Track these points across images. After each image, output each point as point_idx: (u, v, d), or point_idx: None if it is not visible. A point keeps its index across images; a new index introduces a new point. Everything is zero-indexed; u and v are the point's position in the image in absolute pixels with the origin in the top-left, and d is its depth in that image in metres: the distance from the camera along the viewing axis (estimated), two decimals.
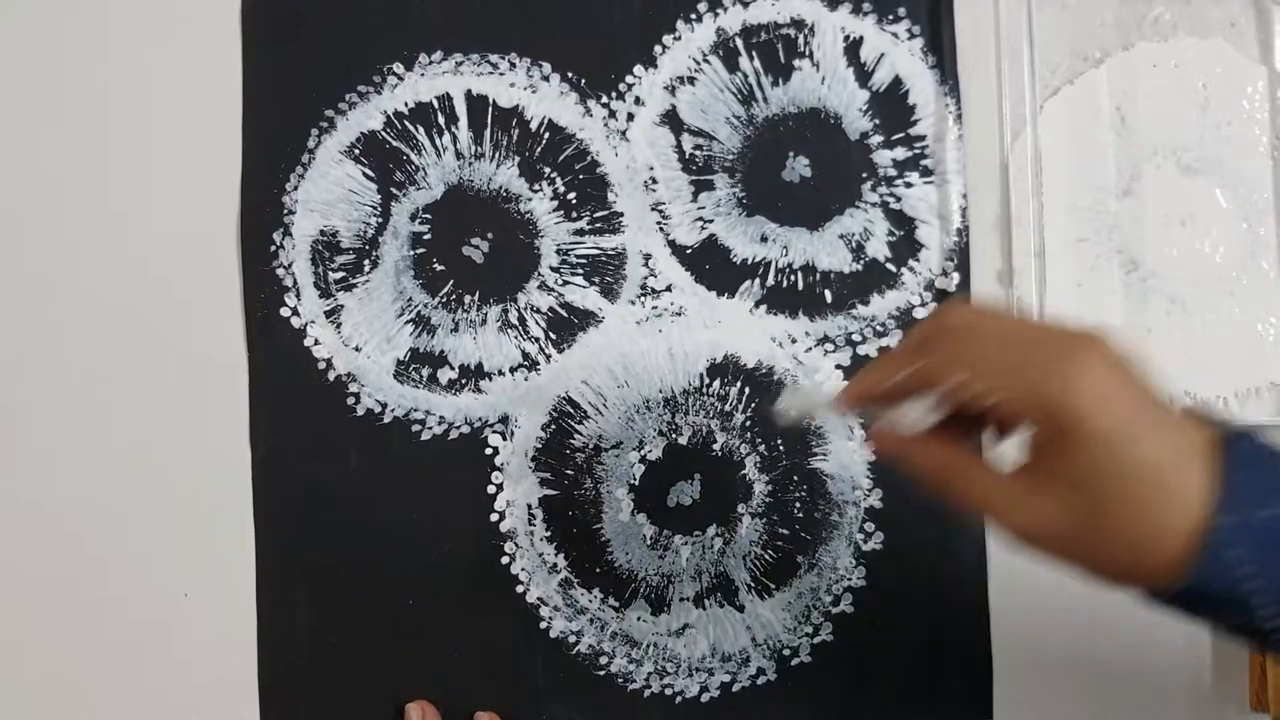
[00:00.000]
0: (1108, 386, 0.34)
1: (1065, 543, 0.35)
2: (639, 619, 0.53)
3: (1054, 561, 0.36)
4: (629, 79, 0.55)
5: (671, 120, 0.55)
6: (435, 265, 0.54)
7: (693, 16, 0.55)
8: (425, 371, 0.54)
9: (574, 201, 0.54)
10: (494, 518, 0.53)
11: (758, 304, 0.54)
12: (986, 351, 0.35)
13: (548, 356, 0.54)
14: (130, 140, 0.54)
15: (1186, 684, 0.54)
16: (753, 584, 0.53)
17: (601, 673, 0.53)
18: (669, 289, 0.54)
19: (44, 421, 0.53)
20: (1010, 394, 0.35)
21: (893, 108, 0.55)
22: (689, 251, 0.54)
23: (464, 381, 0.54)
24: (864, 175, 0.55)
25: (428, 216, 0.54)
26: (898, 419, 0.37)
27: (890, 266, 0.54)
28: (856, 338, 0.54)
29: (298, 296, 0.54)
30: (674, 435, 0.54)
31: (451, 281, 0.54)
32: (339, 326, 0.54)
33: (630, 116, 0.54)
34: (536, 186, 0.54)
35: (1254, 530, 0.33)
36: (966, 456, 0.37)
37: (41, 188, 0.54)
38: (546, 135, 0.54)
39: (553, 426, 0.54)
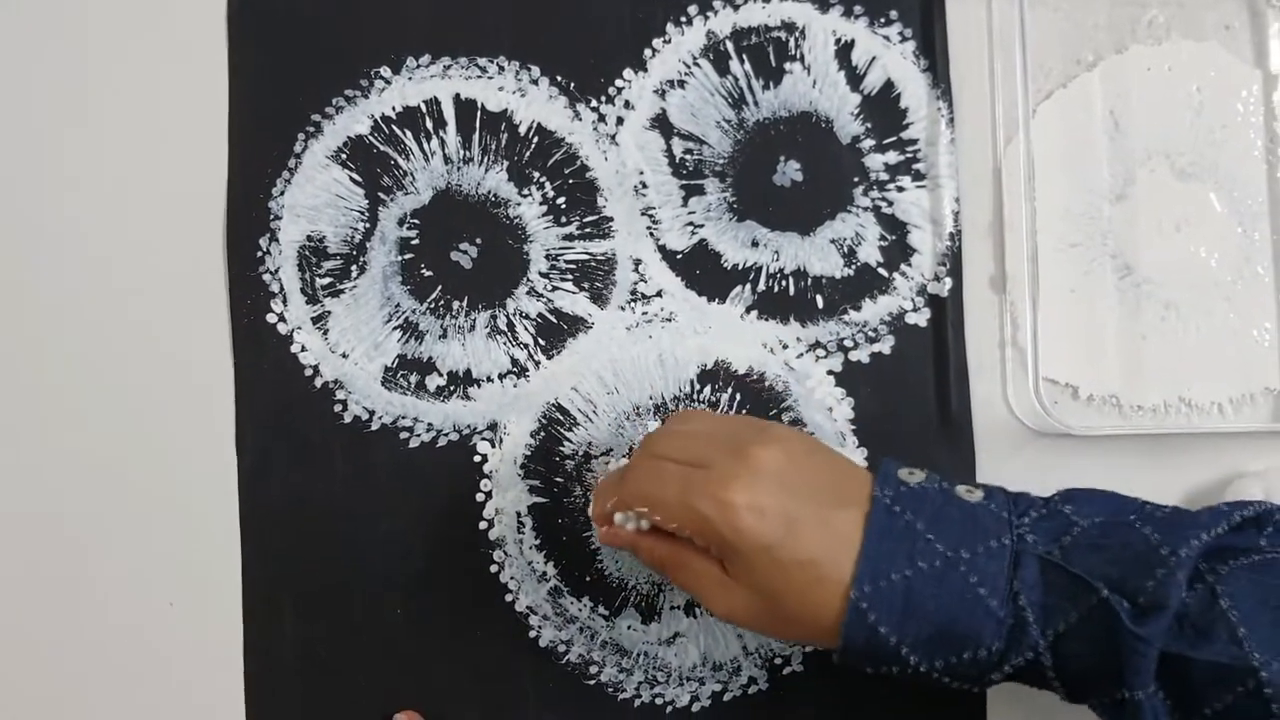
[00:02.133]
0: (764, 503, 0.39)
1: (757, 624, 0.42)
2: (629, 628, 0.53)
3: (760, 633, 0.45)
4: (618, 83, 0.54)
5: (661, 124, 0.54)
6: (423, 271, 0.53)
7: (683, 20, 0.54)
8: (413, 378, 0.53)
9: (563, 206, 0.54)
10: (483, 525, 0.53)
11: (749, 309, 0.54)
12: (664, 481, 0.42)
13: (537, 363, 0.53)
14: (114, 145, 0.53)
15: None
16: None
17: (591, 682, 0.53)
18: (659, 294, 0.54)
19: (28, 429, 0.53)
20: (681, 524, 0.41)
21: (885, 111, 0.54)
22: (679, 256, 0.54)
23: (452, 388, 0.53)
24: (856, 179, 0.54)
25: (416, 222, 0.53)
26: (620, 525, 0.44)
27: (882, 271, 0.54)
28: (848, 343, 0.54)
29: (284, 303, 0.53)
30: None
31: (440, 287, 0.53)
32: (326, 333, 0.53)
33: (620, 120, 0.54)
34: (525, 191, 0.54)
35: (883, 594, 0.38)
36: (683, 549, 0.43)
37: (24, 193, 0.53)
38: (535, 139, 0.54)
39: (542, 433, 0.53)
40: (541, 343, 0.53)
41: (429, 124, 0.54)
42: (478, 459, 0.53)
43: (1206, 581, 0.38)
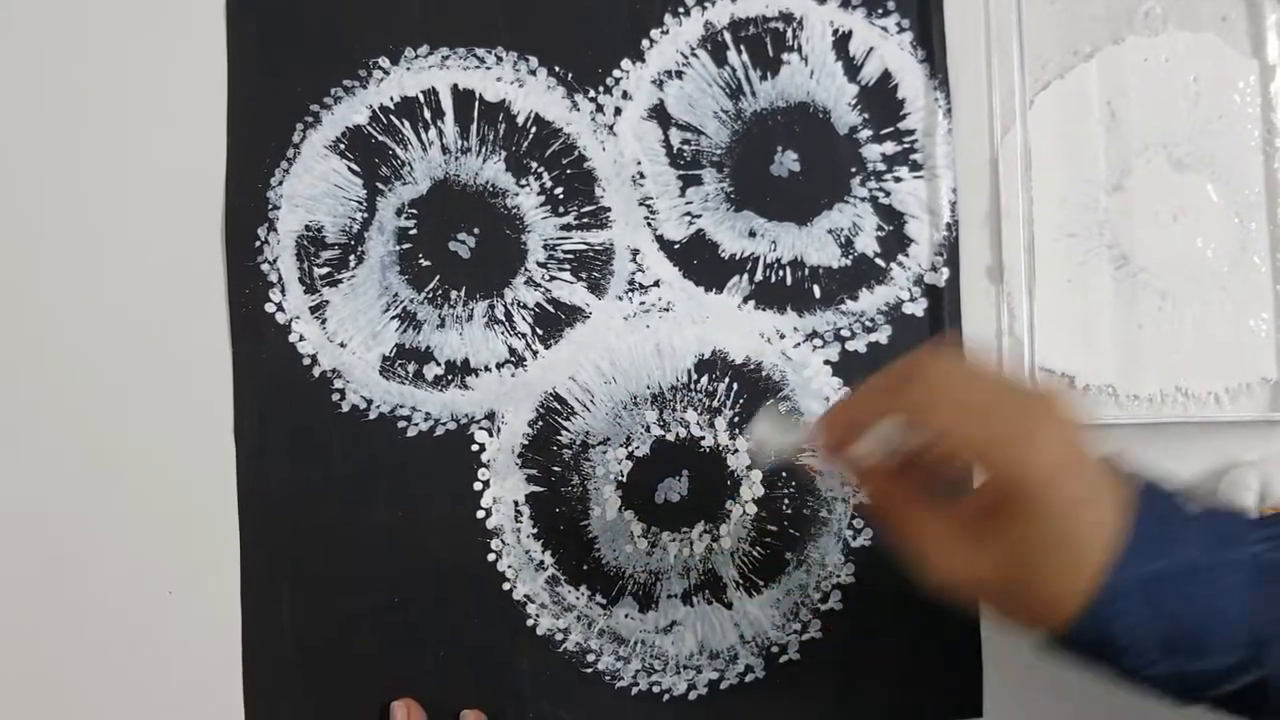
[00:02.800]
0: (1067, 459, 0.36)
1: (986, 591, 0.38)
2: (626, 616, 0.53)
3: (968, 599, 0.39)
4: (616, 73, 0.54)
5: (659, 114, 0.54)
6: (421, 260, 0.53)
7: (680, 10, 0.54)
8: (411, 367, 0.53)
9: (561, 196, 0.54)
10: (480, 514, 0.53)
11: (746, 299, 0.54)
12: (953, 402, 0.37)
13: (535, 352, 0.53)
14: (113, 136, 0.53)
15: None
16: (741, 581, 0.53)
17: (588, 670, 0.53)
18: (657, 284, 0.54)
19: (27, 419, 0.53)
20: (980, 451, 0.37)
21: (882, 102, 0.54)
22: (677, 247, 0.54)
23: (450, 378, 0.53)
24: (853, 170, 0.54)
25: (414, 211, 0.54)
26: (866, 441, 0.39)
27: (879, 261, 0.54)
28: (845, 333, 0.54)
29: (282, 292, 0.53)
30: (662, 431, 0.53)
31: (438, 277, 0.53)
32: (324, 322, 0.53)
33: (618, 111, 0.54)
34: (523, 181, 0.54)
35: (1132, 589, 0.36)
36: (911, 494, 0.40)
37: (23, 184, 0.53)
38: (533, 130, 0.54)
39: (540, 423, 0.53)
40: (539, 332, 0.53)
41: (427, 114, 0.54)
42: (475, 448, 0.53)
43: None
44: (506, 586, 0.53)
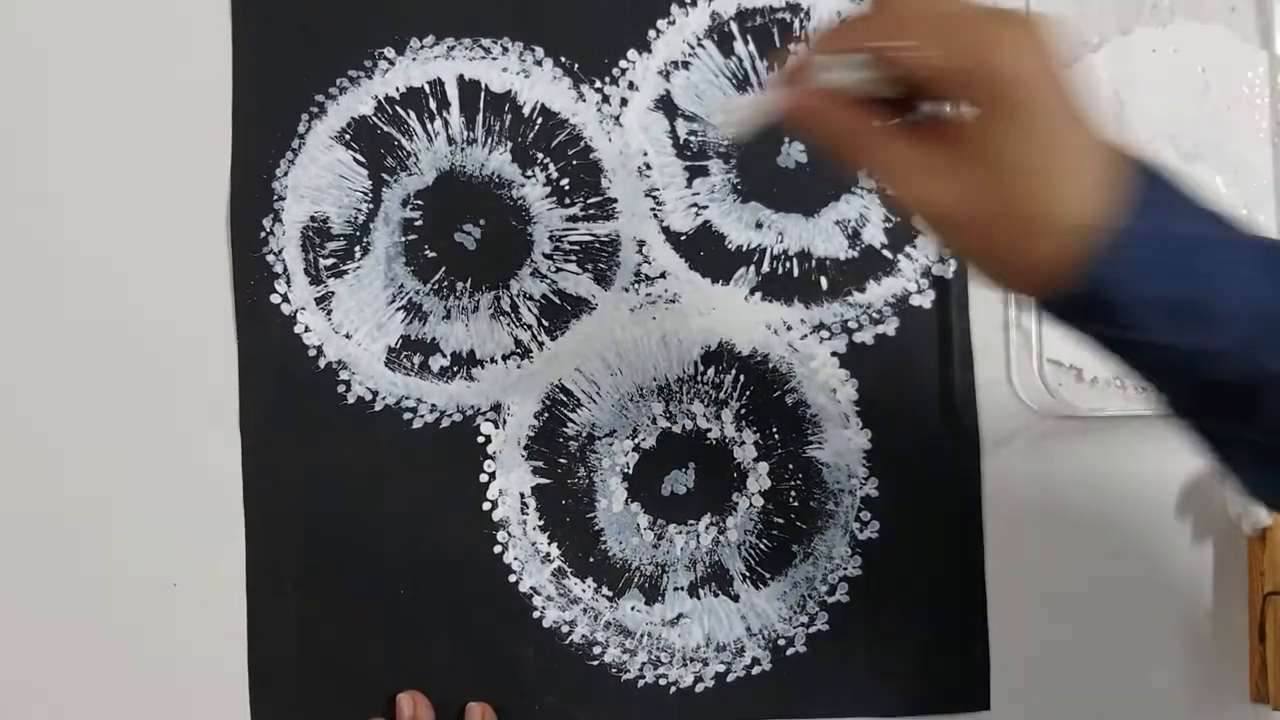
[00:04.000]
0: (1047, 64, 0.32)
1: (964, 222, 0.33)
2: (633, 609, 0.53)
3: (944, 243, 0.35)
4: (623, 64, 0.54)
5: (666, 105, 0.54)
6: (427, 252, 0.53)
7: (687, 1, 0.54)
8: (417, 359, 0.53)
9: (567, 188, 0.54)
10: (486, 506, 0.53)
11: (753, 291, 0.54)
12: (923, 21, 0.33)
13: (540, 344, 0.53)
14: (119, 127, 0.53)
15: (1186, 674, 0.54)
16: (748, 573, 0.53)
17: (595, 663, 0.53)
18: (663, 276, 0.54)
19: (33, 410, 0.53)
20: (952, 59, 0.33)
21: None
22: (683, 238, 0.54)
23: (456, 369, 0.53)
24: None
25: (419, 202, 0.53)
26: (819, 70, 0.35)
27: (887, 253, 0.54)
28: (852, 325, 0.53)
29: (288, 283, 0.53)
30: (668, 423, 0.53)
31: (443, 268, 0.53)
32: (329, 313, 0.53)
33: (624, 102, 0.54)
34: (529, 172, 0.54)
35: (1146, 238, 0.32)
36: (878, 125, 0.35)
37: (28, 176, 0.53)
38: (539, 120, 0.54)
39: (546, 415, 0.53)
40: (545, 324, 0.53)
41: (432, 105, 0.54)
42: (481, 440, 0.53)
43: None
44: (513, 578, 0.53)
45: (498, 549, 0.53)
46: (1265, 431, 0.34)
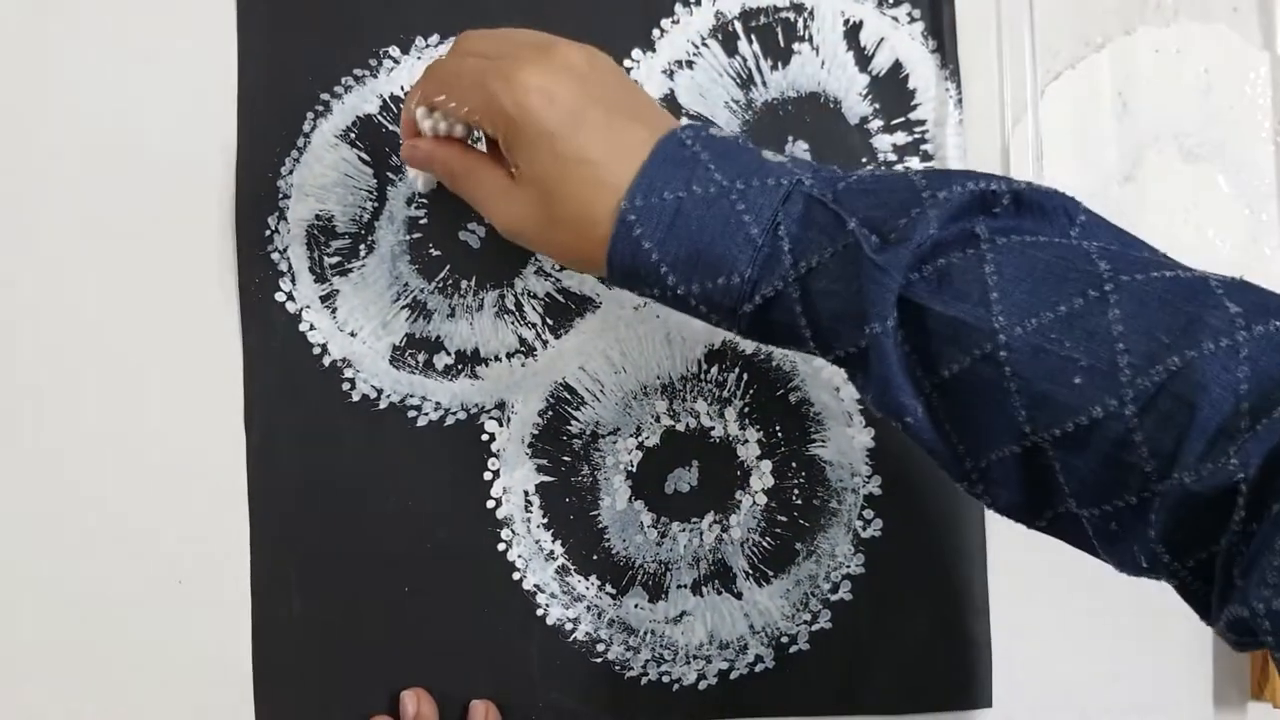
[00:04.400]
0: (555, 91, 0.39)
1: (532, 233, 0.42)
2: (636, 606, 0.53)
3: (534, 248, 0.45)
4: (627, 63, 0.54)
5: (670, 104, 0.54)
6: (431, 250, 0.53)
7: (691, 0, 0.54)
8: (421, 357, 0.53)
9: None
10: (490, 504, 0.53)
11: None
12: (463, 70, 0.42)
13: (545, 342, 0.53)
14: (124, 124, 0.53)
15: (1187, 672, 0.54)
16: (751, 571, 0.53)
17: (598, 660, 0.53)
18: None
19: (37, 408, 0.53)
20: (473, 106, 0.41)
21: (893, 92, 0.54)
22: None
23: (460, 367, 0.53)
24: (864, 160, 0.54)
25: (424, 201, 0.53)
26: (421, 121, 0.44)
27: None
28: None
29: (293, 281, 0.53)
30: (672, 421, 0.53)
31: (448, 266, 0.53)
32: (334, 312, 0.53)
33: None
34: None
35: (653, 210, 0.38)
36: (476, 157, 0.44)
37: (33, 174, 0.53)
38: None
39: (550, 413, 0.53)
40: (549, 322, 0.53)
41: None
42: (485, 438, 0.53)
43: (980, 249, 0.36)
44: (516, 576, 0.53)
45: (501, 546, 0.53)
46: (820, 349, 0.39)
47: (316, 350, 0.53)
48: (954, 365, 0.36)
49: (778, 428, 0.53)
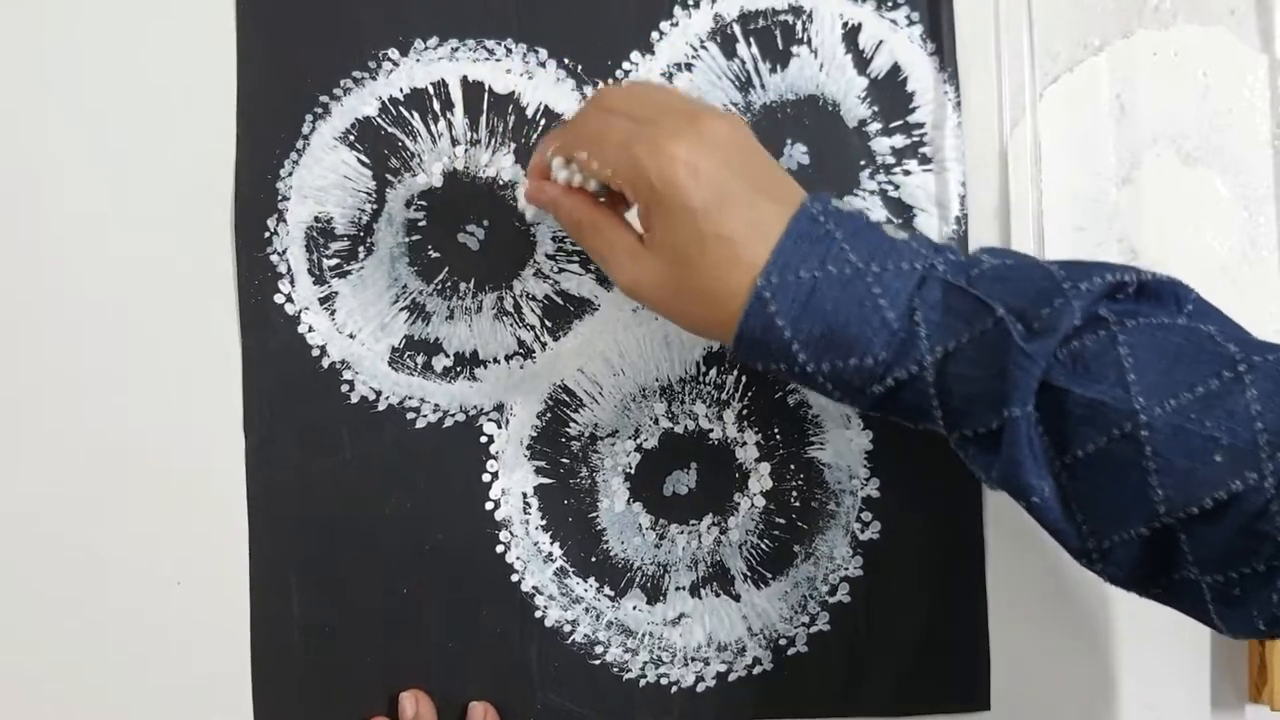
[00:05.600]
0: (701, 166, 0.40)
1: (658, 299, 0.42)
2: (634, 608, 0.53)
3: (658, 312, 0.44)
4: (626, 65, 0.54)
5: None
6: (430, 252, 0.53)
7: (690, 3, 0.54)
8: (420, 359, 0.53)
9: None
10: (489, 506, 0.53)
11: None
12: (608, 132, 0.42)
13: (543, 344, 0.53)
14: (123, 126, 0.53)
15: (1186, 675, 0.54)
16: (749, 573, 0.53)
17: (597, 662, 0.53)
18: None
19: (36, 410, 0.53)
20: (617, 169, 0.41)
21: (891, 95, 0.54)
22: None
23: (459, 369, 0.53)
24: (862, 163, 0.54)
25: (423, 203, 0.54)
26: (553, 175, 0.44)
27: None
28: None
29: (292, 283, 0.53)
30: (670, 424, 0.53)
31: (447, 269, 0.53)
32: (333, 313, 0.53)
33: None
34: None
35: (788, 287, 0.39)
36: (605, 214, 0.44)
37: (32, 175, 0.53)
38: (543, 122, 0.54)
39: (548, 415, 0.53)
40: (548, 324, 0.53)
41: (436, 106, 0.54)
42: (484, 440, 0.53)
43: (1110, 330, 0.38)
44: (515, 578, 0.53)
45: (500, 548, 0.53)
46: (947, 427, 0.40)
47: (315, 352, 0.53)
48: (1090, 445, 0.37)
49: (776, 430, 0.53)
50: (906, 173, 0.54)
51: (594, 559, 0.53)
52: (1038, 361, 0.37)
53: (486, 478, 0.53)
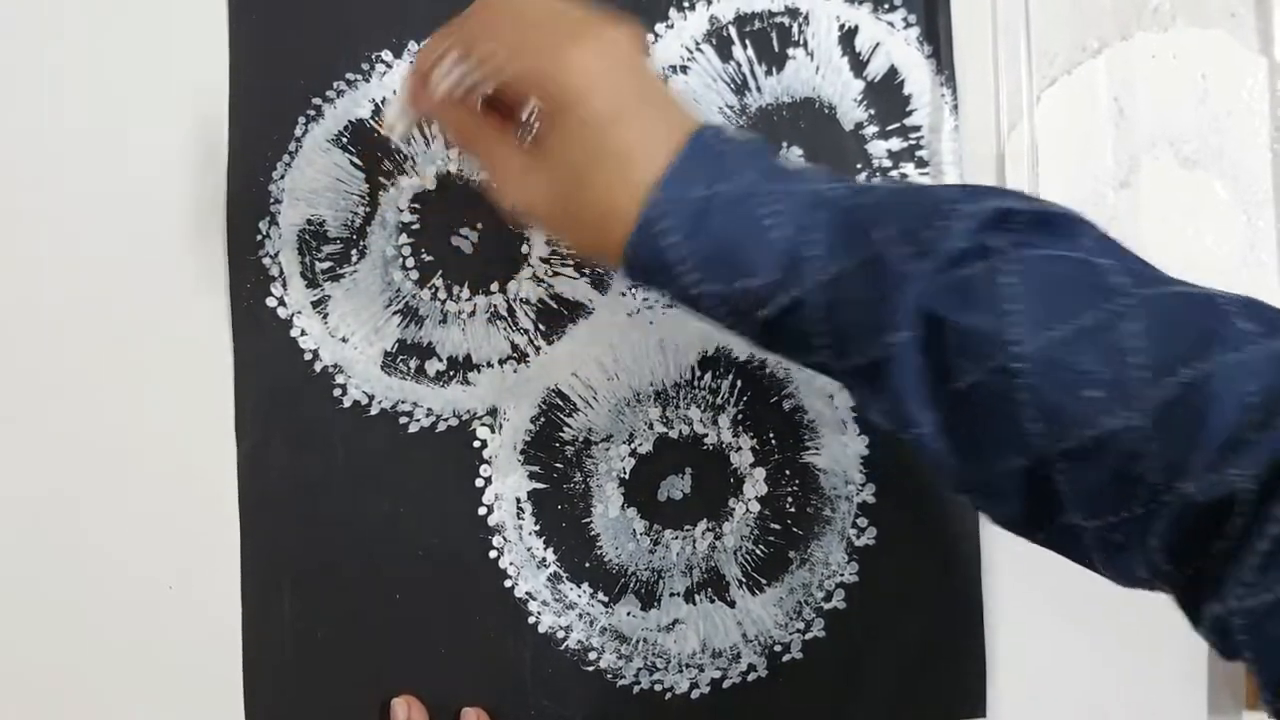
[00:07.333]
0: (600, 72, 0.38)
1: (548, 216, 0.40)
2: (628, 614, 0.53)
3: (547, 232, 0.42)
4: None
5: None
6: (424, 256, 0.53)
7: (685, 5, 0.54)
8: (413, 363, 0.53)
9: None
10: (482, 511, 0.53)
11: None
12: (506, 27, 0.39)
13: (537, 348, 0.53)
14: (115, 128, 0.53)
15: (1183, 681, 0.53)
16: (744, 579, 0.53)
17: (590, 668, 0.52)
18: None
19: (27, 412, 0.52)
20: (517, 69, 0.39)
21: (888, 98, 0.54)
22: None
23: (452, 373, 0.53)
24: (858, 166, 0.54)
25: (416, 206, 0.53)
26: (435, 81, 0.40)
27: None
28: None
29: (284, 286, 0.53)
30: (665, 428, 0.53)
31: (440, 272, 0.53)
32: (326, 317, 0.53)
33: None
34: None
35: (678, 206, 0.37)
36: (491, 128, 0.41)
37: (23, 176, 0.53)
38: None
39: (542, 419, 0.53)
40: (541, 328, 0.53)
41: None
42: (477, 444, 0.53)
43: (994, 259, 0.36)
44: (508, 584, 0.52)
45: (493, 554, 0.53)
46: (832, 358, 0.38)
47: (308, 356, 0.53)
48: (968, 378, 0.35)
49: (771, 435, 0.53)
50: (903, 176, 0.54)
51: (588, 564, 0.53)
52: (913, 282, 0.35)
53: (479, 483, 0.53)
